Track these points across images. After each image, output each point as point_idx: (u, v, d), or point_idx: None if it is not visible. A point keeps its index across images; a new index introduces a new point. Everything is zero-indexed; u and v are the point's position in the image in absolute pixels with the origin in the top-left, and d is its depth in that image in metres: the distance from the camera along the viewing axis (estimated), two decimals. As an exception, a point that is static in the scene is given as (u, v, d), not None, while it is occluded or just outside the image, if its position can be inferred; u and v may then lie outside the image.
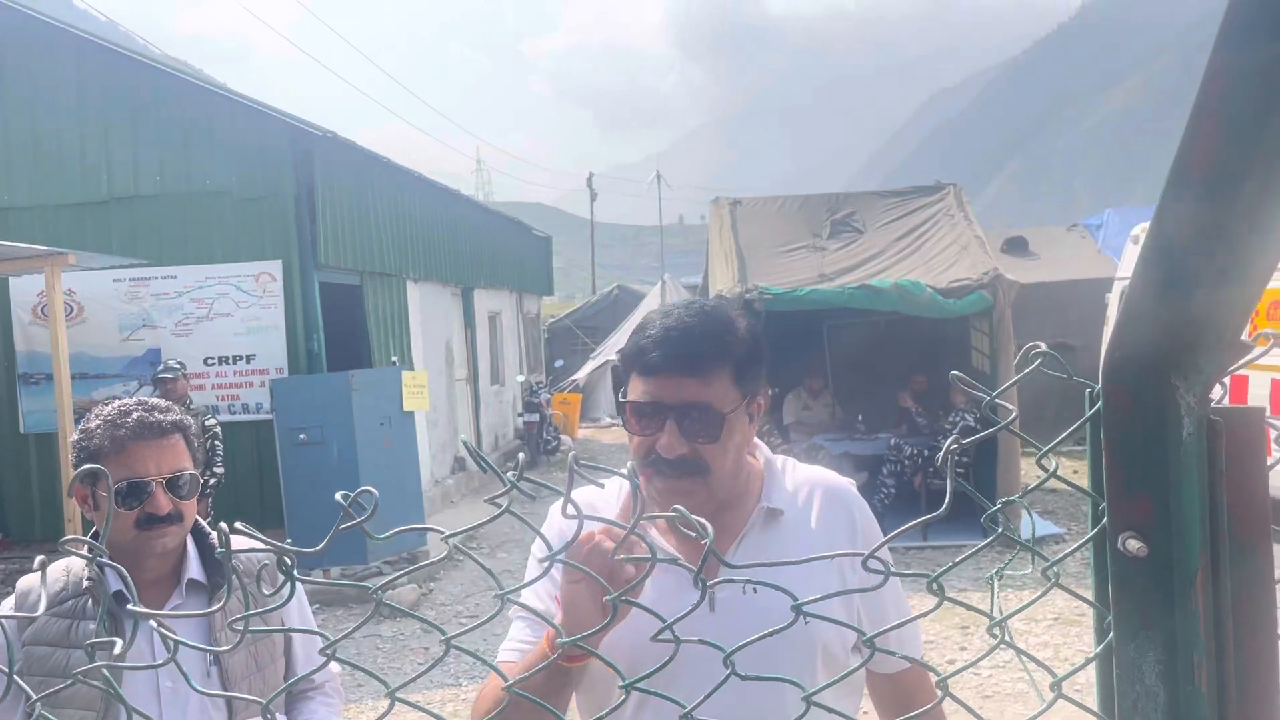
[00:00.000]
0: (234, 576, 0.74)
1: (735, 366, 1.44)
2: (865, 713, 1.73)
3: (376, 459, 8.61)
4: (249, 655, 1.94)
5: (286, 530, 8.50)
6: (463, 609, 7.87)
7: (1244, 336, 0.71)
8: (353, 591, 7.88)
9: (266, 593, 1.87)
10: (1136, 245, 9.21)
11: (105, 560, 0.71)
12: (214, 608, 0.81)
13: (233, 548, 0.86)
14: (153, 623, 0.72)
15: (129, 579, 0.73)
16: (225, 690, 1.89)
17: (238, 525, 0.75)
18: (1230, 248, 0.65)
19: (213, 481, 7.67)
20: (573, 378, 21.15)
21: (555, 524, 1.52)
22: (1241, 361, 0.71)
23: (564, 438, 16.97)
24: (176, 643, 0.78)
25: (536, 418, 15.63)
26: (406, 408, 9.23)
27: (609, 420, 20.03)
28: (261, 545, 0.72)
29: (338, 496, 0.73)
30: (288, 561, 0.74)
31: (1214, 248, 0.65)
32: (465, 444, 0.73)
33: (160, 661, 0.74)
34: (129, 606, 1.44)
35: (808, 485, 1.57)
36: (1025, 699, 5.42)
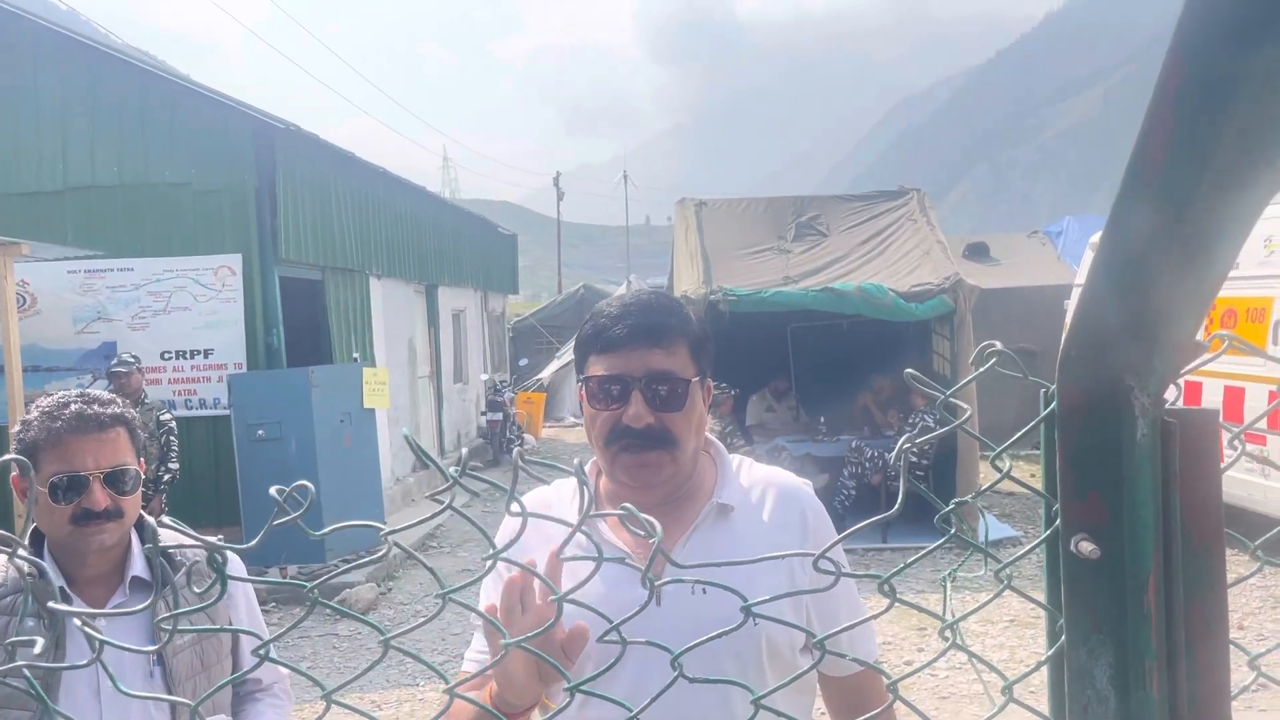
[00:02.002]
0: (168, 574, 0.71)
1: (691, 340, 1.49)
2: (822, 713, 1.72)
3: (336, 456, 8.51)
4: (194, 655, 1.90)
5: (243, 527, 8.38)
6: (421, 608, 7.80)
7: (1199, 338, 0.71)
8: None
9: (211, 591, 1.82)
10: (1095, 252, 9.32)
11: (25, 556, 0.68)
12: (140, 606, 0.77)
13: (167, 543, 0.83)
14: (76, 621, 0.69)
15: (50, 575, 0.69)
16: (170, 689, 1.84)
17: (163, 519, 0.72)
18: (1185, 248, 0.64)
19: (167, 477, 7.55)
20: (537, 377, 21.08)
21: (513, 524, 1.50)
22: (1196, 362, 0.71)
23: (527, 437, 16.90)
24: (102, 643, 0.75)
25: (500, 416, 15.56)
26: (367, 405, 9.14)
27: (573, 419, 19.98)
28: (190, 541, 0.69)
29: (272, 491, 0.70)
30: (219, 559, 0.71)
31: (1169, 248, 0.64)
32: (406, 437, 0.71)
33: (84, 662, 0.71)
34: (49, 604, 1.39)
35: (761, 484, 1.57)
36: (982, 700, 5.46)
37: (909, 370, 0.79)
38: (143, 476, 1.90)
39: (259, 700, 2.01)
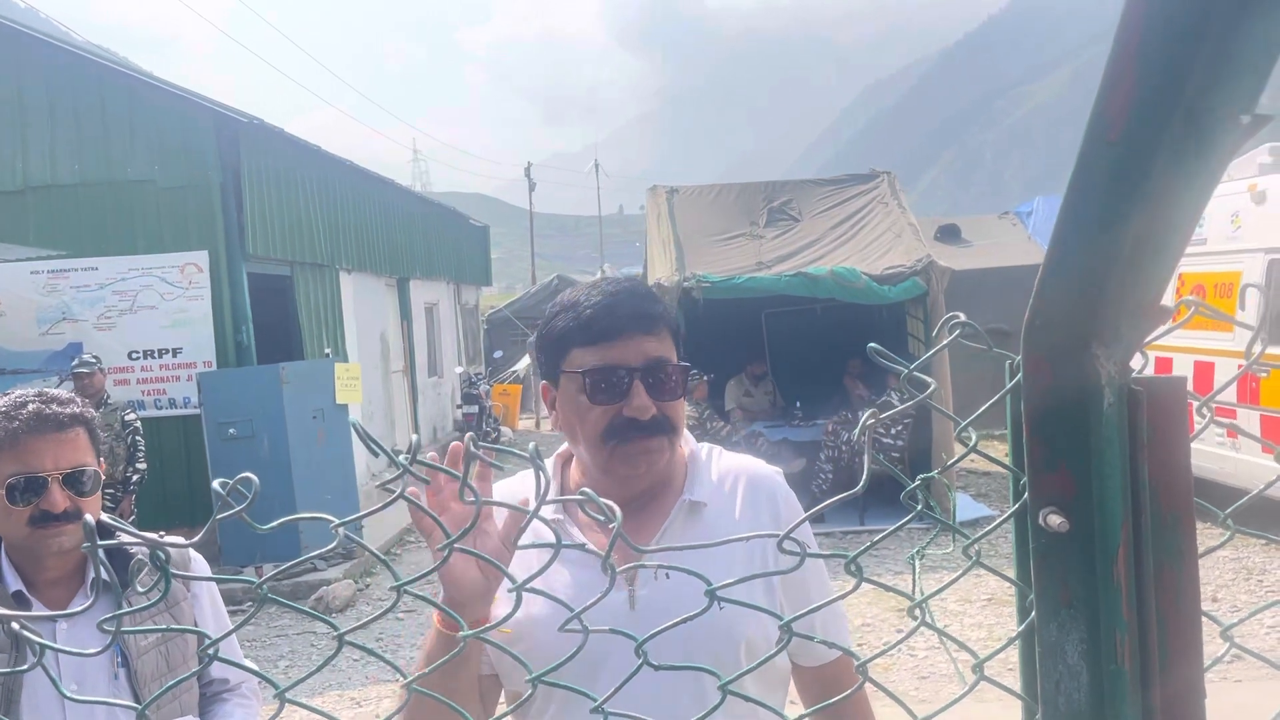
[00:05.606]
0: (104, 572, 0.68)
1: (672, 327, 1.47)
2: (793, 702, 1.71)
3: (309, 453, 8.43)
4: (159, 656, 1.86)
5: (217, 528, 8.29)
6: (400, 604, 7.76)
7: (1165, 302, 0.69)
8: (286, 588, 7.72)
9: (155, 589, 1.79)
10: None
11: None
12: (83, 607, 0.75)
13: (119, 541, 0.80)
14: (14, 625, 0.67)
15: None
16: (135, 691, 1.81)
17: (104, 517, 0.69)
18: (1148, 208, 0.62)
19: (136, 478, 7.45)
20: (512, 369, 21.00)
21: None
22: (1163, 329, 0.69)
23: (504, 429, 16.84)
24: (42, 647, 0.72)
25: (476, 409, 15.51)
26: (339, 400, 9.06)
27: (548, 411, 19.92)
28: (130, 539, 0.67)
29: (215, 485, 0.68)
30: (161, 556, 0.68)
31: (1131, 209, 0.62)
32: (354, 425, 0.68)
33: (24, 666, 0.68)
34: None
35: (732, 475, 1.53)
36: (961, 679, 5.49)
37: (872, 345, 0.77)
38: (103, 477, 1.85)
39: (226, 701, 1.97)
